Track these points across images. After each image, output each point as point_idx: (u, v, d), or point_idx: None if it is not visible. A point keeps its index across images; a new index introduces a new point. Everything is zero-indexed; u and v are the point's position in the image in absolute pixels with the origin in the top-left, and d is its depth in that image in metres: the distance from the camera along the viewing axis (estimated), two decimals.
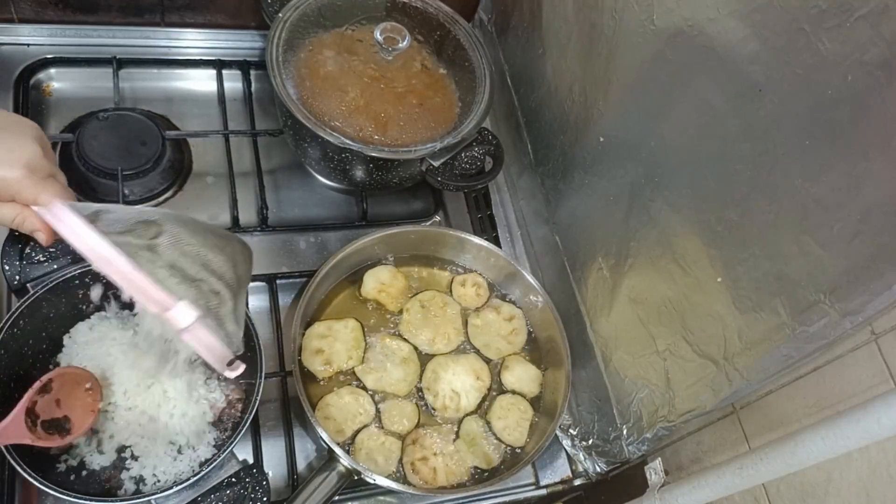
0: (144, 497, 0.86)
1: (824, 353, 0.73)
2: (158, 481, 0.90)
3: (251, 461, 1.00)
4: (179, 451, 0.92)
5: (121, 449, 0.91)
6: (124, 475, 0.90)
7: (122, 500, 0.86)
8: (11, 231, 0.91)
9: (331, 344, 1.07)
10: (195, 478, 0.86)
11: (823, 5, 0.63)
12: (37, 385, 0.83)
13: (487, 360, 1.14)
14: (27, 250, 0.93)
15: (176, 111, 1.26)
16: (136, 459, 0.91)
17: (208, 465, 0.87)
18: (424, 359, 1.12)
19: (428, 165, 1.13)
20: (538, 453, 1.03)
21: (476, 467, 1.05)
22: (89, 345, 0.94)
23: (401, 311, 1.15)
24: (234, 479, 0.88)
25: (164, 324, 0.78)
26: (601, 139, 1.02)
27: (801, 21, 0.65)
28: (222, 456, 0.87)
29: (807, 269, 0.69)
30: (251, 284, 1.11)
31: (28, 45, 1.22)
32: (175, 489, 0.85)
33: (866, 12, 0.59)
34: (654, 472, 1.05)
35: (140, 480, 0.90)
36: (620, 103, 0.96)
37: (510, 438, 1.07)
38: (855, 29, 0.60)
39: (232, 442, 0.88)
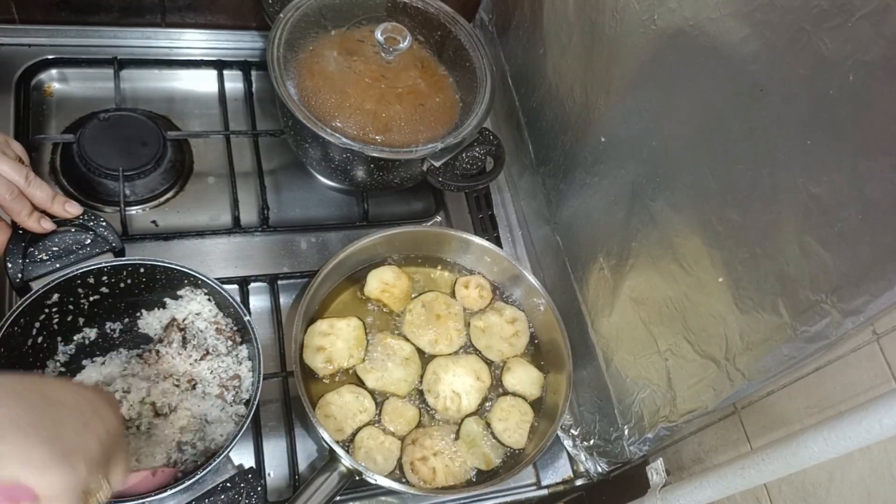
0: (139, 500, 0.85)
1: (826, 353, 0.73)
2: None
3: (252, 462, 1.00)
4: (178, 453, 0.92)
5: None
6: None
7: (118, 501, 0.86)
8: (15, 229, 0.91)
9: (332, 342, 1.07)
10: (190, 481, 0.85)
11: (825, 5, 0.63)
12: None
13: (489, 362, 1.14)
14: (30, 248, 0.93)
15: (177, 112, 1.26)
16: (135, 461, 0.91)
17: (203, 469, 0.86)
18: (425, 359, 1.12)
19: (429, 166, 1.13)
20: (539, 454, 1.03)
21: (476, 468, 1.05)
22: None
23: (403, 312, 1.15)
24: (228, 484, 0.87)
25: None
26: (602, 139, 1.02)
27: (803, 21, 0.65)
28: (217, 460, 0.87)
29: (808, 269, 0.69)
30: (253, 285, 1.12)
31: (29, 45, 1.22)
32: (169, 492, 0.85)
33: (868, 12, 0.59)
34: (656, 472, 1.05)
35: None
36: (622, 103, 0.96)
37: (510, 440, 1.07)
38: (856, 29, 0.60)
39: (228, 446, 0.88)
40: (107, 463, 0.64)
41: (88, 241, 0.96)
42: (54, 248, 0.94)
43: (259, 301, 1.13)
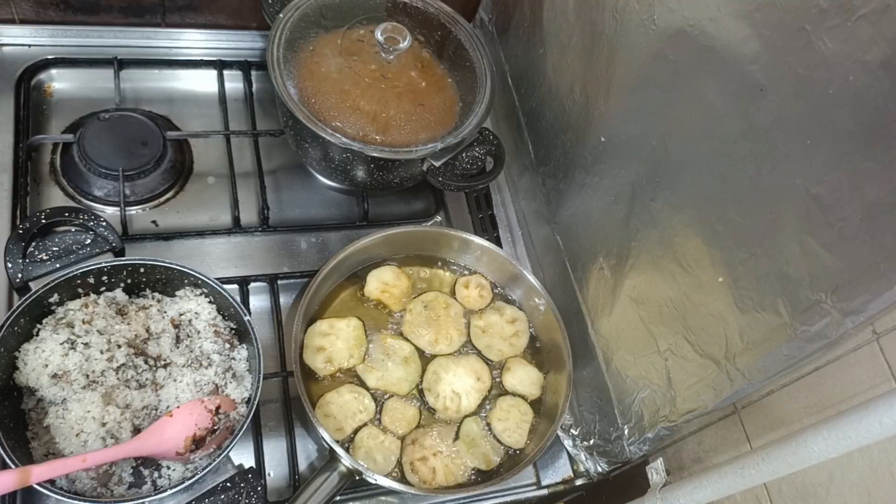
0: (139, 500, 0.86)
1: (826, 352, 0.73)
2: (154, 484, 0.90)
3: (252, 462, 1.00)
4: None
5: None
6: (122, 476, 0.90)
7: (117, 502, 0.86)
8: (15, 228, 0.91)
9: (332, 342, 1.07)
10: (189, 481, 0.86)
11: (824, 5, 0.63)
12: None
13: (489, 362, 1.14)
14: (30, 248, 0.93)
15: (177, 112, 1.26)
16: (135, 461, 0.91)
17: (203, 469, 0.86)
18: (425, 359, 1.12)
19: (429, 165, 1.13)
20: (539, 454, 1.03)
21: (475, 468, 1.05)
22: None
23: (403, 312, 1.15)
24: (228, 484, 0.88)
25: None
26: (602, 139, 1.02)
27: (803, 21, 0.65)
28: (217, 460, 0.87)
29: (808, 269, 0.69)
30: (253, 285, 1.12)
31: (29, 45, 1.22)
32: (170, 492, 0.85)
33: (867, 12, 0.59)
34: (656, 471, 1.05)
35: (136, 481, 0.90)
36: (621, 103, 0.96)
37: (510, 440, 1.07)
38: (856, 28, 0.60)
39: (228, 446, 0.88)
40: None
41: (88, 241, 0.96)
42: (54, 248, 0.94)
43: (259, 301, 1.13)
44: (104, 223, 0.97)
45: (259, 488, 0.88)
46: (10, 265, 0.91)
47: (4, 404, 0.87)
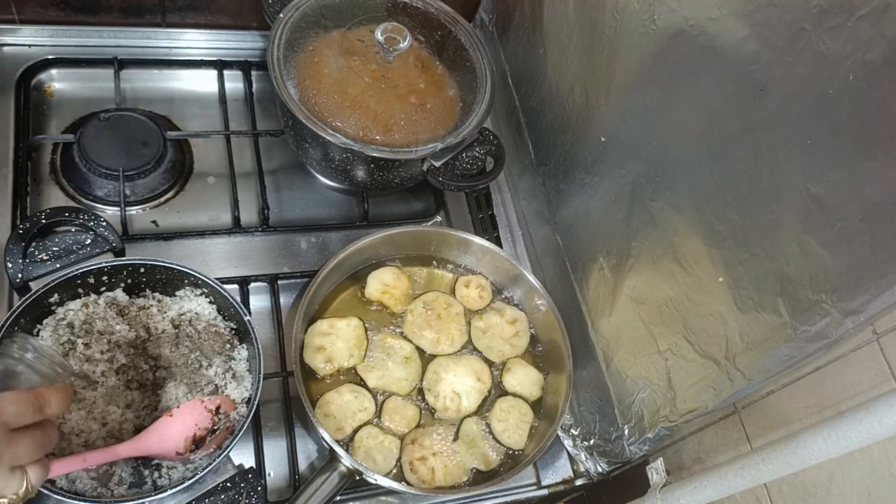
0: (139, 499, 0.86)
1: (826, 352, 0.73)
2: (154, 484, 0.90)
3: (252, 462, 1.00)
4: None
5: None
6: (122, 476, 0.90)
7: (117, 502, 0.86)
8: (15, 228, 0.91)
9: (333, 342, 1.07)
10: (190, 481, 0.86)
11: (825, 4, 0.63)
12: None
13: (490, 363, 1.14)
14: (30, 249, 0.93)
15: (177, 112, 1.26)
16: (135, 461, 0.91)
17: (203, 469, 0.86)
18: (426, 359, 1.12)
19: (429, 165, 1.13)
20: (539, 454, 1.03)
21: (475, 468, 1.05)
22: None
23: (404, 312, 1.15)
24: (229, 484, 0.88)
25: None
26: (602, 139, 1.02)
27: (803, 20, 0.65)
28: (218, 460, 0.87)
29: (808, 269, 0.69)
30: (254, 284, 1.12)
31: (29, 45, 1.22)
32: (170, 492, 0.85)
33: (868, 12, 0.59)
34: (656, 471, 1.06)
35: (136, 481, 0.90)
36: (622, 103, 0.96)
37: (510, 441, 1.07)
38: (856, 28, 0.60)
39: (228, 446, 0.88)
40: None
41: (88, 241, 0.96)
42: (54, 248, 0.94)
43: (259, 301, 1.13)
44: (104, 223, 0.97)
45: (259, 488, 0.88)
46: (10, 265, 0.91)
47: None
